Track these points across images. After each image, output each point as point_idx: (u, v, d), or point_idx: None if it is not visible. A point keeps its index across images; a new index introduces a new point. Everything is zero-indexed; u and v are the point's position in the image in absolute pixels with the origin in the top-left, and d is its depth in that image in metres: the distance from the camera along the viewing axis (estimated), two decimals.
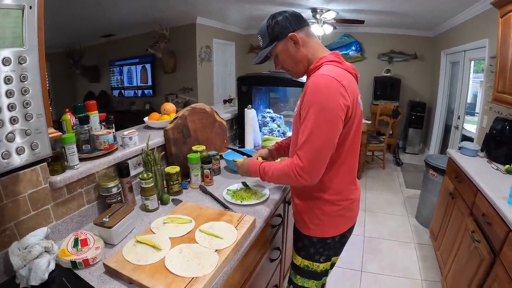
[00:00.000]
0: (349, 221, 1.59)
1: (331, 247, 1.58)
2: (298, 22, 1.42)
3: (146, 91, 7.29)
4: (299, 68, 1.47)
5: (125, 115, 6.79)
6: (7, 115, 0.79)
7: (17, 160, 0.83)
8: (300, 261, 1.62)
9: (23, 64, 0.81)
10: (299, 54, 1.43)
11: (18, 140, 0.82)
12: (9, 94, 0.79)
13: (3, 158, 0.80)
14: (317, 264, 1.59)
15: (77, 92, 8.31)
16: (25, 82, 0.82)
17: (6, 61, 0.78)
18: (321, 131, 1.27)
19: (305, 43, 1.42)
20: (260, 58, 1.50)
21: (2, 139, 0.79)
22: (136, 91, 7.44)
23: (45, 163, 1.26)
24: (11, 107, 0.80)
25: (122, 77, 7.58)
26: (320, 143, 1.28)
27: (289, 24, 1.40)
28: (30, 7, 0.81)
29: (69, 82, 8.17)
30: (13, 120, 0.81)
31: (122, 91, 7.72)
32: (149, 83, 7.15)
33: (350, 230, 1.63)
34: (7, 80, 0.78)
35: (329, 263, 1.63)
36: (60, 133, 1.18)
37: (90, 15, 5.22)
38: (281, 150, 1.88)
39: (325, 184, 1.44)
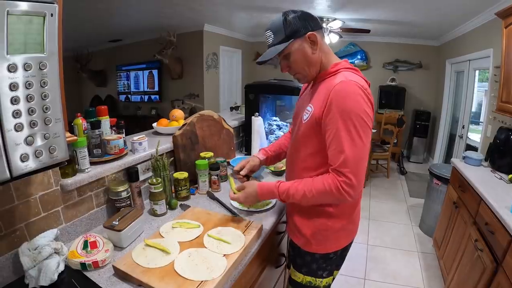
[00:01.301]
0: (352, 234, 1.55)
1: (334, 261, 1.55)
2: (316, 22, 1.34)
3: (152, 97, 7.33)
4: (310, 72, 1.38)
5: (131, 120, 6.83)
6: (27, 119, 0.82)
7: (35, 163, 0.85)
8: (301, 278, 1.56)
9: (44, 70, 0.84)
10: (314, 57, 1.34)
11: (37, 144, 0.84)
12: (29, 98, 0.81)
13: (22, 161, 0.82)
14: (320, 279, 1.55)
15: (83, 96, 8.37)
16: (45, 88, 0.85)
17: (27, 67, 0.80)
18: (361, 140, 1.20)
19: (321, 45, 1.34)
20: (271, 56, 1.33)
21: (21, 142, 0.81)
22: (143, 96, 7.49)
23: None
24: (31, 111, 0.82)
25: (129, 82, 7.64)
26: (363, 153, 1.22)
27: (308, 22, 1.31)
28: (52, 15, 0.84)
29: (76, 86, 8.23)
30: (32, 124, 0.83)
31: (129, 96, 7.77)
32: (156, 88, 7.19)
33: (351, 242, 1.59)
34: (28, 85, 0.81)
35: (331, 277, 1.60)
36: (75, 137, 1.20)
37: (99, 20, 5.28)
38: (268, 160, 1.79)
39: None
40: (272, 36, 1.34)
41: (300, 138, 1.42)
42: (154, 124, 2.37)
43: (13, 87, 0.78)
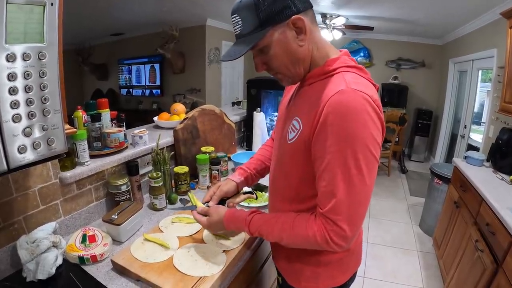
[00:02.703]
0: (352, 268, 1.21)
1: None
2: (302, 0, 0.93)
3: (154, 91, 7.32)
4: (296, 71, 1.00)
5: (132, 114, 6.82)
6: (25, 109, 0.80)
7: (33, 155, 0.84)
8: None
9: (43, 60, 0.82)
10: (302, 50, 0.96)
11: (35, 135, 0.83)
12: (27, 89, 0.80)
13: (20, 152, 0.81)
14: None
15: (84, 89, 8.35)
16: (44, 78, 0.83)
17: (26, 56, 0.78)
18: (363, 180, 0.88)
19: (310, 34, 0.95)
20: (240, 53, 0.94)
21: (19, 133, 0.80)
22: (144, 90, 7.48)
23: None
24: (29, 102, 0.81)
25: (130, 76, 7.62)
26: (363, 196, 0.90)
27: (292, 3, 0.90)
28: (52, 4, 0.82)
29: (77, 79, 8.21)
30: (31, 115, 0.81)
31: (130, 90, 7.75)
32: (157, 83, 7.18)
33: (353, 278, 1.24)
34: (27, 75, 0.79)
35: None
36: (75, 129, 1.19)
37: (101, 14, 5.26)
38: (249, 179, 1.40)
39: None
40: (240, 22, 0.95)
41: (284, 160, 1.10)
42: (155, 118, 2.36)
43: (11, 77, 0.76)
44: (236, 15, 0.95)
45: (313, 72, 1.00)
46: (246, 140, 2.82)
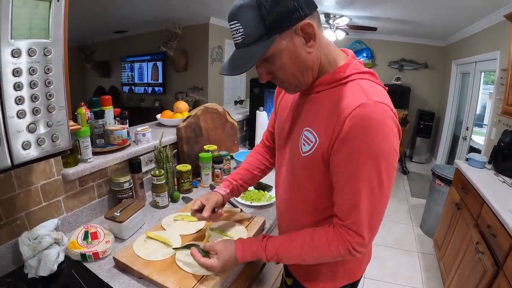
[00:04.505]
0: (365, 262, 1.26)
1: None
2: (309, 2, 0.85)
3: (156, 89, 7.32)
4: (305, 79, 0.93)
5: (134, 112, 6.81)
6: (30, 105, 0.80)
7: (37, 151, 0.83)
8: None
9: (48, 56, 0.82)
10: (311, 57, 0.89)
11: (40, 131, 0.83)
12: (33, 85, 0.79)
13: (24, 149, 0.80)
14: None
15: (87, 86, 8.35)
16: (49, 74, 0.83)
17: (31, 52, 0.78)
18: (384, 190, 0.87)
19: (318, 39, 0.88)
20: (246, 68, 0.86)
21: (23, 129, 0.80)
22: (147, 88, 7.48)
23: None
24: (34, 98, 0.80)
25: (133, 73, 7.63)
26: (383, 206, 0.90)
27: (299, 6, 0.82)
28: (58, 0, 0.82)
29: (80, 76, 8.23)
30: (35, 111, 0.81)
31: (132, 87, 7.76)
32: (160, 80, 7.18)
33: (356, 283, 1.25)
34: (32, 71, 0.79)
35: None
36: (78, 126, 1.19)
37: (105, 11, 5.26)
38: (235, 191, 1.38)
39: None
40: (242, 30, 0.84)
41: (299, 173, 1.05)
42: (158, 116, 2.35)
43: (16, 72, 0.76)
44: (235, 21, 0.84)
45: (322, 80, 0.94)
46: (249, 139, 2.82)
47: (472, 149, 4.70)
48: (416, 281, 2.99)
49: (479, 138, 4.72)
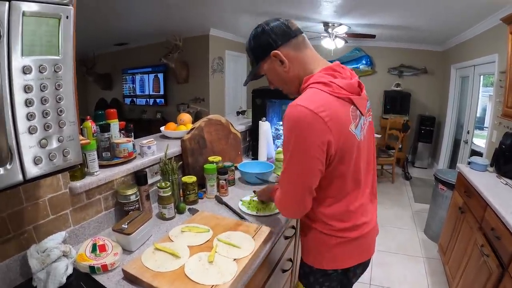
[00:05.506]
0: (355, 256, 1.38)
1: (334, 279, 1.39)
2: (283, 35, 1.21)
3: (158, 100, 7.35)
4: (290, 88, 1.31)
5: (136, 124, 6.80)
6: (41, 121, 0.81)
7: (48, 166, 0.85)
8: None
9: (59, 72, 0.84)
10: (288, 74, 1.24)
11: (51, 146, 0.84)
12: (44, 101, 0.81)
13: (36, 164, 0.82)
14: None
15: (89, 98, 8.39)
16: (60, 90, 0.84)
17: (42, 69, 0.80)
18: (293, 173, 1.17)
19: (293, 60, 1.22)
20: (249, 80, 1.38)
21: (35, 145, 0.81)
22: (148, 99, 7.51)
23: None
24: (45, 114, 0.82)
25: (134, 85, 7.67)
26: (292, 181, 1.18)
27: (272, 41, 1.20)
28: (67, 17, 0.84)
29: (81, 89, 8.24)
30: (47, 127, 0.82)
31: (134, 99, 7.80)
32: (161, 92, 7.21)
33: (361, 268, 1.48)
34: (43, 87, 0.80)
35: None
36: (88, 140, 1.20)
37: (106, 24, 5.31)
38: None
39: (318, 216, 1.29)
40: (251, 57, 1.33)
41: None
42: (162, 128, 2.37)
43: (27, 89, 0.77)
44: (247, 52, 1.33)
45: (301, 87, 1.23)
46: (252, 149, 2.83)
47: (474, 153, 4.72)
48: (422, 286, 2.98)
49: (480, 141, 4.73)
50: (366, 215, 1.36)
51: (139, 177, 1.66)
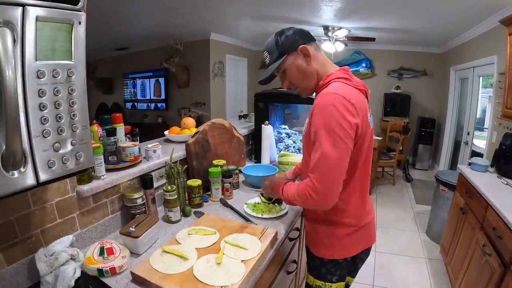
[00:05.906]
0: (362, 243, 1.51)
1: (344, 267, 1.50)
2: (307, 36, 1.39)
3: (159, 105, 7.37)
4: (309, 84, 1.41)
5: (137, 128, 6.80)
6: (54, 125, 0.83)
7: (61, 169, 0.86)
8: (312, 280, 1.55)
9: (72, 77, 0.85)
10: (310, 68, 1.37)
11: (64, 150, 0.85)
12: (57, 105, 0.82)
13: (49, 167, 0.83)
14: (330, 284, 1.51)
15: (90, 103, 8.12)
16: (73, 94, 0.86)
17: (56, 73, 0.81)
18: (332, 152, 1.19)
19: (315, 57, 1.37)
20: (268, 73, 1.42)
21: (48, 148, 0.82)
22: (149, 104, 7.54)
23: None
24: (58, 118, 0.83)
25: (135, 89, 7.70)
26: (331, 164, 1.20)
27: (299, 38, 1.36)
28: (80, 23, 0.86)
29: None
30: (60, 130, 0.84)
31: (135, 103, 7.83)
32: (162, 96, 7.24)
33: (365, 252, 1.58)
34: (56, 92, 0.82)
35: (342, 283, 1.54)
36: (98, 144, 1.21)
37: (107, 29, 5.31)
38: (297, 175, 1.87)
39: (335, 206, 1.30)
40: (268, 56, 1.42)
41: (304, 149, 1.49)
42: (166, 132, 2.39)
43: (41, 93, 0.79)
44: (265, 51, 1.42)
45: (319, 84, 1.38)
46: (255, 153, 2.84)
47: (474, 153, 4.73)
48: (424, 287, 2.98)
49: (480, 142, 4.75)
50: (370, 202, 1.55)
51: (145, 181, 1.67)
